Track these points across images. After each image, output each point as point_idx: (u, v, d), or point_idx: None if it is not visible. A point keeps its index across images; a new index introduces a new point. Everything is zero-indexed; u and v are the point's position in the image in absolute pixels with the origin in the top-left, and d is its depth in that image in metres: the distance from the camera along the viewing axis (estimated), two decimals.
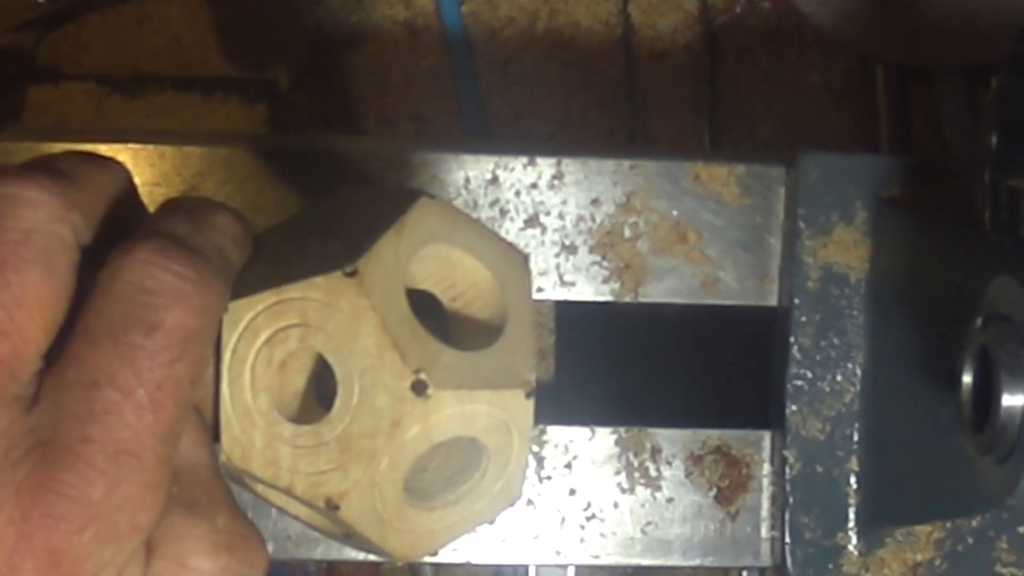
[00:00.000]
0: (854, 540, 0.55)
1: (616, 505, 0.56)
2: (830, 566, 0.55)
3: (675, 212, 0.56)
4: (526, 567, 0.66)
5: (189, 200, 0.38)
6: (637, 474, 0.56)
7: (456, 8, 0.71)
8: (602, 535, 0.56)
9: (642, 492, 0.56)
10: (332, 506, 0.38)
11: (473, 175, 0.56)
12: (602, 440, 0.56)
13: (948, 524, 0.54)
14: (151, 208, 0.39)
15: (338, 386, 0.38)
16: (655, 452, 0.57)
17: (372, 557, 0.52)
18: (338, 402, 0.38)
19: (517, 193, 0.56)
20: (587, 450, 0.56)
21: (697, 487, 0.57)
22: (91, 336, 0.34)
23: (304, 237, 0.41)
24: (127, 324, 0.34)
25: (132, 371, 0.33)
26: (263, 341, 0.38)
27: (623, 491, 0.56)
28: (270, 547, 0.38)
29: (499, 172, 0.56)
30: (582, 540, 0.56)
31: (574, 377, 0.69)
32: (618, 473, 0.56)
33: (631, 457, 0.56)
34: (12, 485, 0.32)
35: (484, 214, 0.56)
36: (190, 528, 0.35)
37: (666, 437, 0.57)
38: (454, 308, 0.43)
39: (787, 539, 0.55)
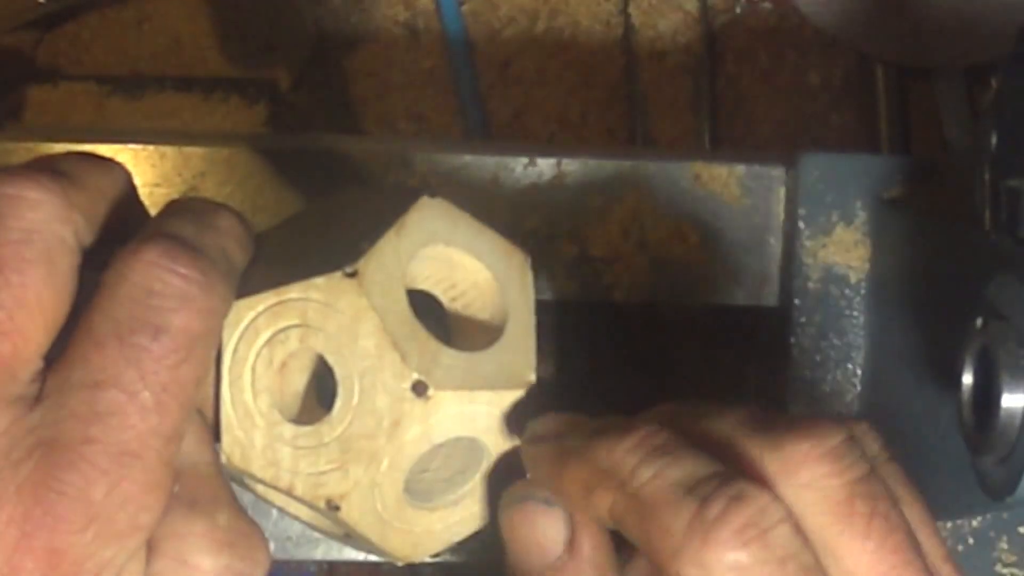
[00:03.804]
0: None
1: None
2: None
3: (675, 212, 0.56)
4: None
5: (193, 202, 0.38)
6: None
7: (456, 8, 0.71)
8: None
9: None
10: (332, 507, 0.38)
11: (473, 175, 0.56)
12: None
13: (948, 524, 0.54)
14: (152, 209, 0.39)
15: (338, 387, 0.38)
16: None
17: (372, 557, 0.52)
18: (338, 403, 0.38)
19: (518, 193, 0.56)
20: None
21: None
22: (96, 337, 0.34)
23: (304, 237, 0.41)
24: (134, 326, 0.34)
25: (137, 373, 0.33)
26: (263, 342, 0.38)
27: None
28: (270, 547, 0.38)
29: (499, 172, 0.56)
30: None
31: (574, 377, 0.69)
32: None
33: None
34: (13, 485, 0.32)
35: None
36: (191, 526, 0.35)
37: None
38: (454, 308, 0.43)
39: None
